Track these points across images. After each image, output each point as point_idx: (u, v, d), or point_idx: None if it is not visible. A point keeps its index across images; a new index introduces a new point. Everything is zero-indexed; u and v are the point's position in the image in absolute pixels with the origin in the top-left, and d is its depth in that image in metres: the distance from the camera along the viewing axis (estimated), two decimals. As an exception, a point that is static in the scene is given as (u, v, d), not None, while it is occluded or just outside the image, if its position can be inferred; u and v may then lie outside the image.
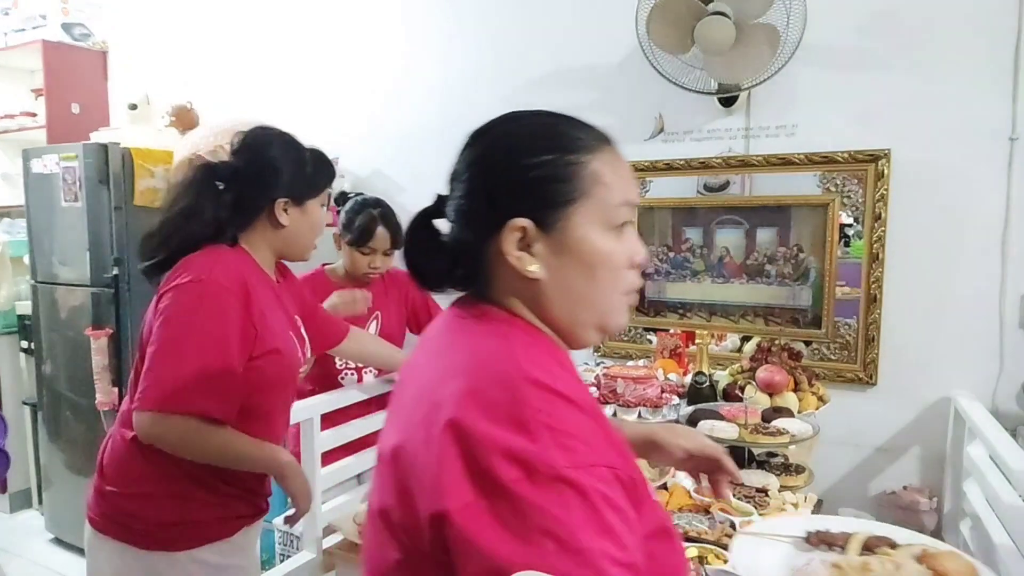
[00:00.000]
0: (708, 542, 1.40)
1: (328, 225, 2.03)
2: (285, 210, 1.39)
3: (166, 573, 1.29)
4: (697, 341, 2.18)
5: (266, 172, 1.37)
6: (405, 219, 2.35)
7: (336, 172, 1.61)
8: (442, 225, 0.85)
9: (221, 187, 1.36)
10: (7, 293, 3.50)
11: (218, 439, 1.26)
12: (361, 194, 2.20)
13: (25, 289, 3.44)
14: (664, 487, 1.64)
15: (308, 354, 1.57)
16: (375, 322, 2.21)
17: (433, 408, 0.66)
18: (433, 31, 2.81)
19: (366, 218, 2.08)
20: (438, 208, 0.85)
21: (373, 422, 2.06)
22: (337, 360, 2.17)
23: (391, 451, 0.71)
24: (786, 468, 1.81)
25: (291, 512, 1.43)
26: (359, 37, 2.99)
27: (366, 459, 2.05)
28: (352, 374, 2.20)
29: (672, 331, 2.35)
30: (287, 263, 1.55)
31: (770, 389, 1.91)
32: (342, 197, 2.22)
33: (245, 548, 1.41)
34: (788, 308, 2.20)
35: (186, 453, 1.26)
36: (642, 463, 1.64)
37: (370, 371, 2.20)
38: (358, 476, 2.11)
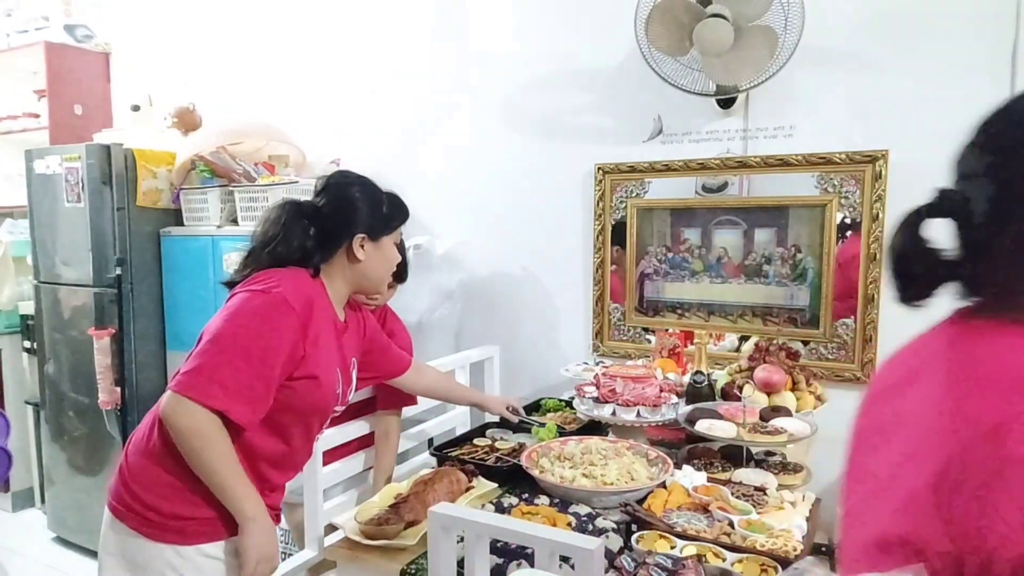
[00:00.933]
0: (707, 540, 1.41)
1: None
2: (362, 245, 1.50)
3: (173, 563, 1.32)
4: (695, 341, 2.19)
5: (346, 210, 1.50)
6: (410, 221, 2.34)
7: (410, 212, 1.72)
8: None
9: (307, 223, 1.47)
10: (10, 293, 3.52)
11: (222, 448, 1.29)
12: None
13: (28, 289, 3.45)
14: (663, 485, 1.65)
15: (350, 397, 1.60)
16: (354, 371, 1.95)
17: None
18: (433, 32, 2.83)
19: None
20: (939, 205, 0.75)
21: (373, 422, 2.08)
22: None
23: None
24: (784, 467, 1.82)
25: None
26: (359, 38, 3.00)
27: (366, 459, 2.06)
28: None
29: (671, 331, 2.36)
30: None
31: (768, 388, 1.93)
32: None
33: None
34: (786, 308, 2.21)
35: (189, 446, 1.28)
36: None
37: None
38: (361, 474, 2.12)
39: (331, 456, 1.92)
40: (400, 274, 2.02)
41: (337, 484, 1.97)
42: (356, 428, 2.01)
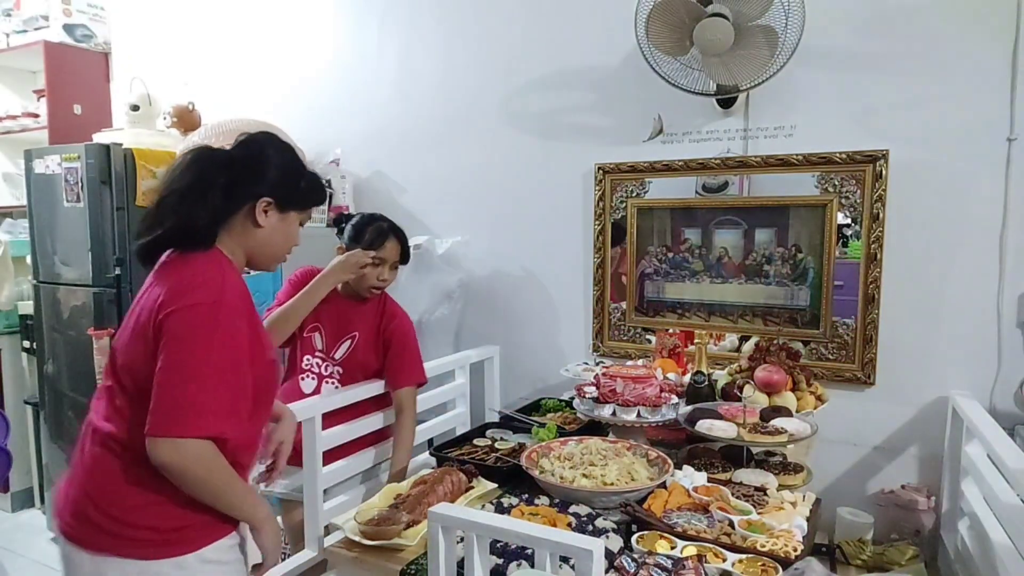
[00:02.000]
0: (707, 541, 1.41)
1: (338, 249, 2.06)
2: (265, 211, 1.39)
3: None
4: (696, 341, 2.19)
5: (259, 166, 1.39)
6: (406, 220, 2.34)
7: (325, 199, 1.65)
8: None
9: (216, 173, 1.36)
10: (9, 293, 3.51)
11: (224, 470, 1.28)
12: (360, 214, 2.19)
13: (27, 289, 3.45)
14: (663, 486, 1.64)
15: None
16: (349, 341, 2.11)
17: None
18: (433, 32, 2.83)
19: (377, 228, 2.07)
20: None
21: (373, 422, 2.08)
22: (304, 361, 2.13)
23: None
24: (784, 467, 1.82)
25: (259, 563, 1.41)
26: (360, 38, 3.00)
27: (366, 458, 2.06)
28: (312, 379, 2.12)
29: (671, 331, 2.36)
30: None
31: (768, 388, 1.92)
32: (342, 218, 2.19)
33: (246, 539, 1.42)
34: (786, 308, 2.21)
35: (193, 481, 1.25)
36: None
37: (331, 383, 2.11)
38: (361, 474, 2.12)
39: (331, 456, 1.92)
40: (404, 253, 2.11)
41: (336, 485, 1.97)
42: (356, 428, 2.01)
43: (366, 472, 2.12)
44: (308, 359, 2.13)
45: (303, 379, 2.12)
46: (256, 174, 1.38)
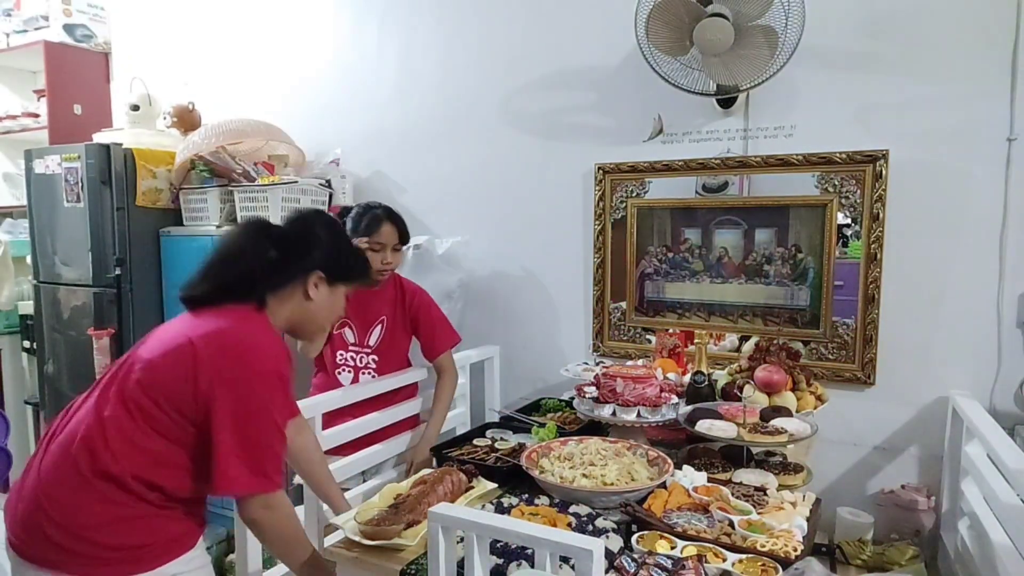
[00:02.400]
0: (707, 541, 1.41)
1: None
2: (316, 284, 1.48)
3: None
4: (696, 341, 2.19)
5: (312, 243, 1.49)
6: (406, 220, 2.36)
7: (370, 273, 1.74)
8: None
9: (269, 245, 1.45)
10: (9, 293, 3.51)
11: (297, 519, 1.45)
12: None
13: (27, 289, 3.45)
14: (663, 486, 1.64)
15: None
16: (380, 326, 2.24)
17: None
18: (433, 32, 2.82)
19: (372, 214, 2.14)
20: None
21: (373, 421, 2.08)
22: (338, 356, 2.23)
23: None
24: (784, 467, 1.82)
25: None
26: (360, 38, 3.00)
27: (367, 458, 2.06)
28: (348, 372, 2.24)
29: (671, 331, 2.36)
30: None
31: (768, 388, 1.92)
32: (343, 212, 2.26)
33: (205, 553, 1.45)
34: (786, 308, 2.21)
35: (289, 528, 1.40)
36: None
37: (368, 373, 2.24)
38: (361, 474, 2.12)
39: (331, 455, 1.92)
40: (402, 235, 2.18)
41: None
42: (357, 428, 2.01)
43: (367, 471, 2.12)
44: (341, 354, 2.26)
45: (339, 372, 2.25)
46: (310, 250, 1.48)
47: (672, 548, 1.38)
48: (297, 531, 1.43)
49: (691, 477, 1.70)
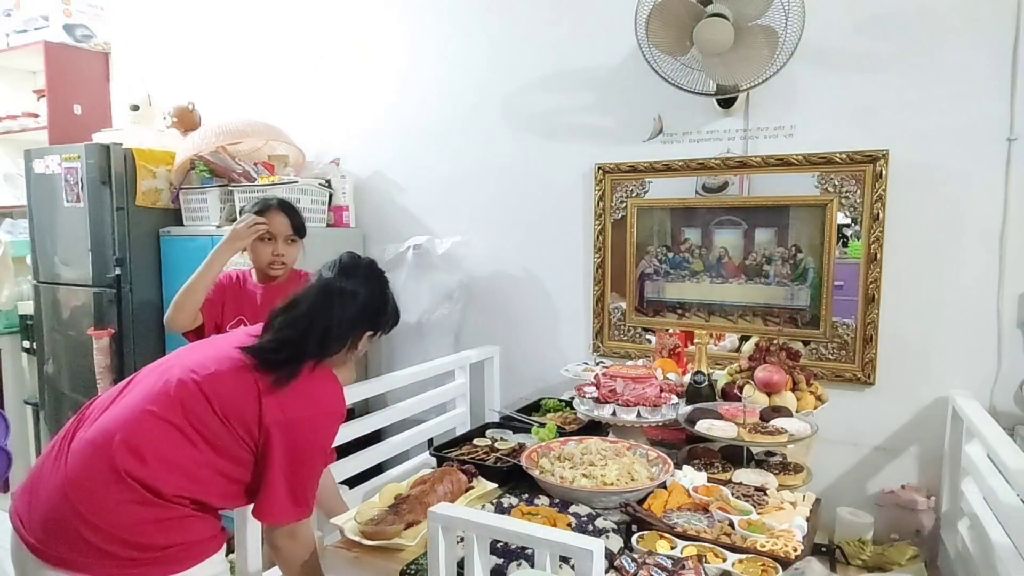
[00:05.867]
0: (707, 541, 1.41)
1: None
2: (370, 339, 1.53)
3: None
4: (696, 341, 2.19)
5: (381, 306, 1.53)
6: (406, 220, 2.34)
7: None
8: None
9: (349, 310, 1.46)
10: (9, 293, 3.51)
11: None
12: None
13: (27, 289, 3.45)
14: (663, 486, 1.64)
15: None
16: None
17: None
18: (433, 33, 2.82)
19: (263, 201, 2.10)
20: None
21: (373, 422, 2.08)
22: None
23: None
24: (784, 467, 1.82)
25: None
26: (359, 38, 3.00)
27: (367, 459, 2.06)
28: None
29: (671, 331, 2.36)
30: None
31: (768, 388, 1.92)
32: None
33: (226, 559, 1.46)
34: (786, 308, 2.21)
35: (305, 557, 1.44)
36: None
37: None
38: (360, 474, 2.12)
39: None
40: (295, 226, 2.12)
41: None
42: (356, 429, 2.01)
43: (367, 471, 2.12)
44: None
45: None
46: (378, 313, 1.52)
47: (672, 548, 1.38)
48: (312, 562, 1.46)
49: (691, 477, 1.70)
